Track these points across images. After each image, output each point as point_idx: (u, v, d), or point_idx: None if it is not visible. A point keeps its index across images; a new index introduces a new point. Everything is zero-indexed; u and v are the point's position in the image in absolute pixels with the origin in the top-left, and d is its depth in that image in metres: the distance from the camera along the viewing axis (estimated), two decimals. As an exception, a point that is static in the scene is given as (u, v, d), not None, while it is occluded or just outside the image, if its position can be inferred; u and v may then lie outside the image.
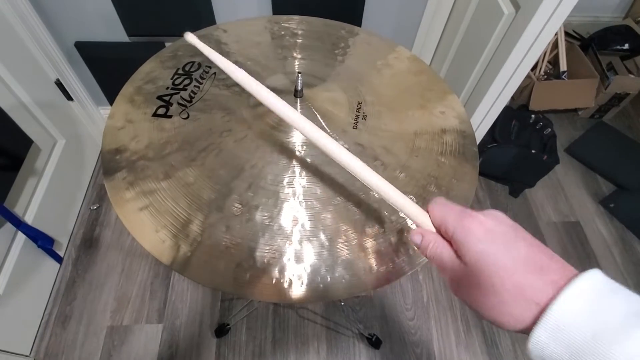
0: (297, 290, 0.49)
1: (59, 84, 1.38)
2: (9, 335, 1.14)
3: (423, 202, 0.56)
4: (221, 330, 1.28)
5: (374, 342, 1.28)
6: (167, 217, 0.52)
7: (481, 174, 1.75)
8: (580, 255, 1.55)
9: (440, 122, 0.67)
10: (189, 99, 0.66)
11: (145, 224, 0.51)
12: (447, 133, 0.66)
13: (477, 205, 1.67)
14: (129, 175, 0.55)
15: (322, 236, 0.52)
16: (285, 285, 0.49)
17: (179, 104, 0.65)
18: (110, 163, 0.56)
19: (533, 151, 1.58)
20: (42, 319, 1.28)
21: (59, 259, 1.38)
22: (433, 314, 1.38)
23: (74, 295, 1.35)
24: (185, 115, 0.63)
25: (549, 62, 1.94)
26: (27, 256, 1.22)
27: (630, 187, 1.69)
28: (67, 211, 1.47)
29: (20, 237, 1.20)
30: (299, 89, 0.60)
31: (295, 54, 0.76)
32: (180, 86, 0.69)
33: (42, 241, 1.24)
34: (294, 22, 0.82)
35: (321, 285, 0.49)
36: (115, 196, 0.53)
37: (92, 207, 1.54)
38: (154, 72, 0.71)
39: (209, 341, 1.28)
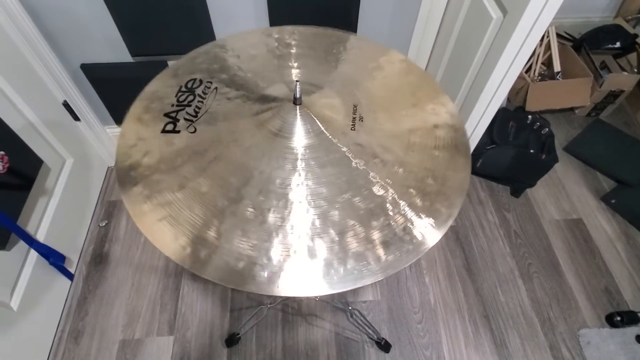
0: (314, 284, 0.52)
1: (66, 105, 1.43)
2: (24, 351, 1.16)
3: (422, 194, 0.60)
4: (231, 340, 1.29)
5: (384, 346, 1.29)
6: (185, 225, 0.56)
7: (482, 175, 1.77)
8: (584, 252, 1.56)
9: (432, 118, 0.71)
10: (194, 114, 0.70)
11: (165, 233, 0.55)
12: (439, 128, 0.70)
13: (480, 206, 1.69)
14: (145, 189, 0.59)
15: (332, 232, 0.56)
16: (302, 279, 0.52)
17: (185, 119, 0.69)
18: (126, 179, 0.60)
19: (531, 151, 1.60)
20: (55, 335, 1.31)
21: (70, 276, 1.41)
22: (441, 316, 1.39)
23: (86, 311, 1.37)
24: (193, 129, 0.67)
25: (542, 63, 1.97)
26: (40, 274, 1.25)
27: (630, 183, 1.70)
28: (76, 228, 1.50)
29: (33, 255, 1.23)
30: (297, 96, 0.63)
31: (291, 64, 0.80)
32: (185, 102, 0.72)
33: (54, 258, 1.27)
34: (287, 33, 0.87)
35: (335, 277, 0.52)
36: (134, 209, 0.57)
37: (100, 224, 1.58)
38: (158, 91, 0.75)
39: (220, 351, 1.29)
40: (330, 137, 0.65)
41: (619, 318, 1.37)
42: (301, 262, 0.53)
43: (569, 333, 1.37)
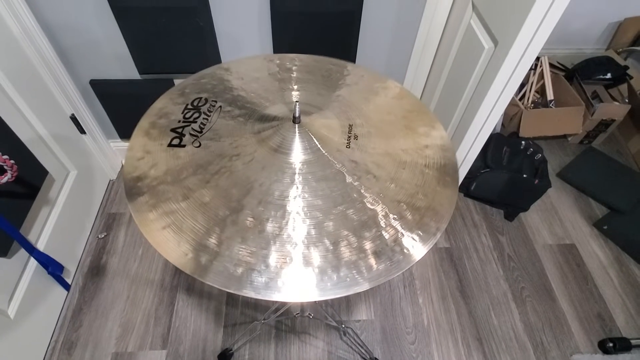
0: (308, 290, 0.55)
1: (73, 118, 1.48)
2: (17, 361, 1.17)
3: (413, 208, 0.63)
4: (224, 356, 1.29)
5: (376, 366, 1.30)
6: (188, 232, 0.59)
7: (476, 198, 1.80)
8: (577, 277, 1.57)
9: (423, 139, 0.76)
10: (199, 130, 0.74)
11: (169, 240, 0.58)
12: (429, 148, 0.74)
13: (474, 229, 1.71)
14: (151, 199, 0.63)
15: (326, 241, 0.59)
16: (297, 285, 0.55)
17: (190, 134, 0.74)
18: (133, 189, 0.64)
19: (525, 176, 1.64)
20: (49, 345, 1.31)
21: (67, 286, 1.42)
22: (434, 337, 1.40)
23: (80, 322, 1.37)
24: (197, 144, 0.71)
25: (536, 91, 2.04)
26: (38, 283, 1.26)
27: (622, 210, 1.73)
28: (76, 239, 1.52)
29: (32, 263, 1.24)
30: (296, 115, 0.68)
31: (291, 86, 0.85)
32: (191, 119, 0.77)
33: (53, 268, 1.28)
34: (288, 60, 0.92)
35: (328, 284, 0.55)
36: (140, 217, 0.60)
37: (99, 236, 1.60)
38: (165, 108, 0.80)
39: (212, 367, 1.29)
40: (326, 153, 0.69)
41: (611, 344, 1.38)
42: (297, 269, 0.56)
43: (561, 358, 1.37)
